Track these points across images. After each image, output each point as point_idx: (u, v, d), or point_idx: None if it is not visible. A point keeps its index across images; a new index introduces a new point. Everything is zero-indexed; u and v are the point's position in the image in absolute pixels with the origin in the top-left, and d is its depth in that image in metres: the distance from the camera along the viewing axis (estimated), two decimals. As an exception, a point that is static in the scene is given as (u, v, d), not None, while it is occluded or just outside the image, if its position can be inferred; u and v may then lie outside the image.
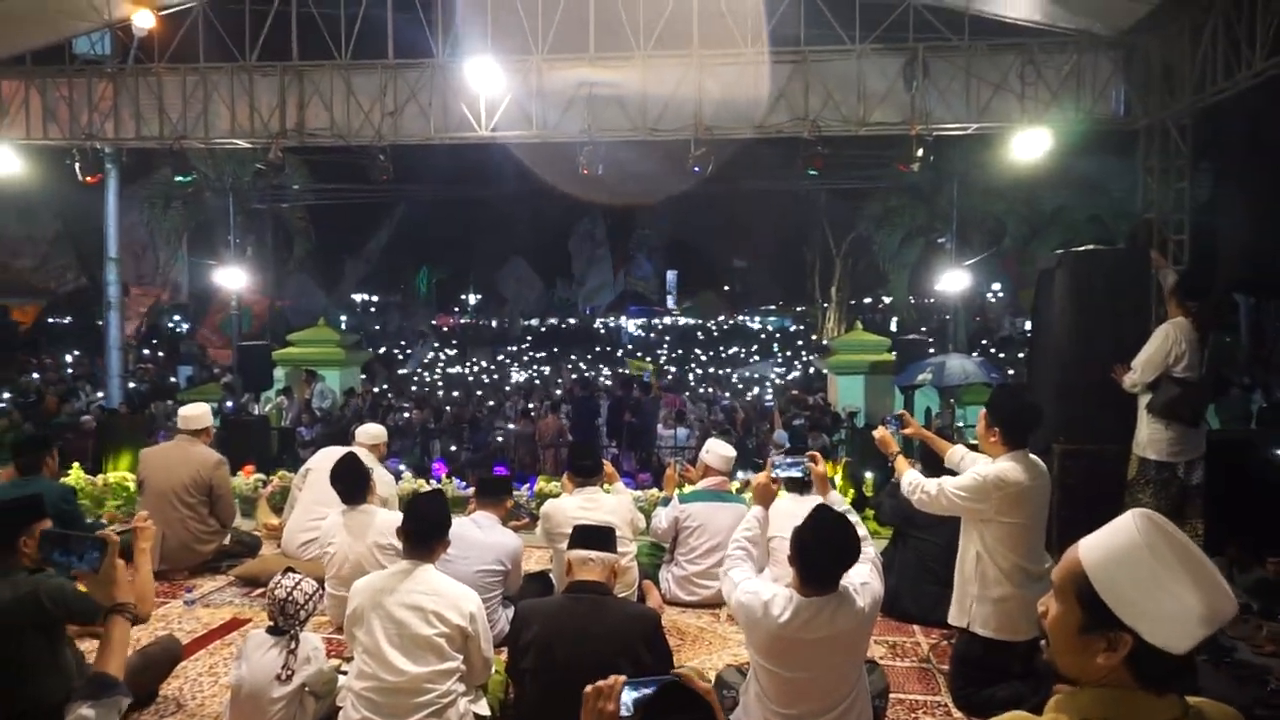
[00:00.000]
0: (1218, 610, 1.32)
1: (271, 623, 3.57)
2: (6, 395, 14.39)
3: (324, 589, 3.92)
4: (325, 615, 4.63)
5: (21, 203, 16.49)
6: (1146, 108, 8.57)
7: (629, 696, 1.89)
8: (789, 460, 3.74)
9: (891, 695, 3.60)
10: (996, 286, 26.23)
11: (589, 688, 1.93)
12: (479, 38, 9.20)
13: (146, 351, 22.14)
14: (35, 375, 18.06)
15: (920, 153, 8.81)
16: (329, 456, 5.54)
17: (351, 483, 4.59)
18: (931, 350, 12.94)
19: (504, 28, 9.14)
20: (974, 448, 4.21)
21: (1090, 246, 6.63)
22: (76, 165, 9.54)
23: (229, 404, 13.14)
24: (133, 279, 18.55)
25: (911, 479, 3.76)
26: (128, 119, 9.85)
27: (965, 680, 3.71)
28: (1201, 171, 9.61)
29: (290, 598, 3.50)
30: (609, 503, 4.65)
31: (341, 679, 3.65)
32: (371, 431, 5.91)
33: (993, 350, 22.08)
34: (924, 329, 20.80)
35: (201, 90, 9.67)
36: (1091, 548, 1.41)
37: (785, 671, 2.85)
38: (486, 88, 9.07)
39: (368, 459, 5.45)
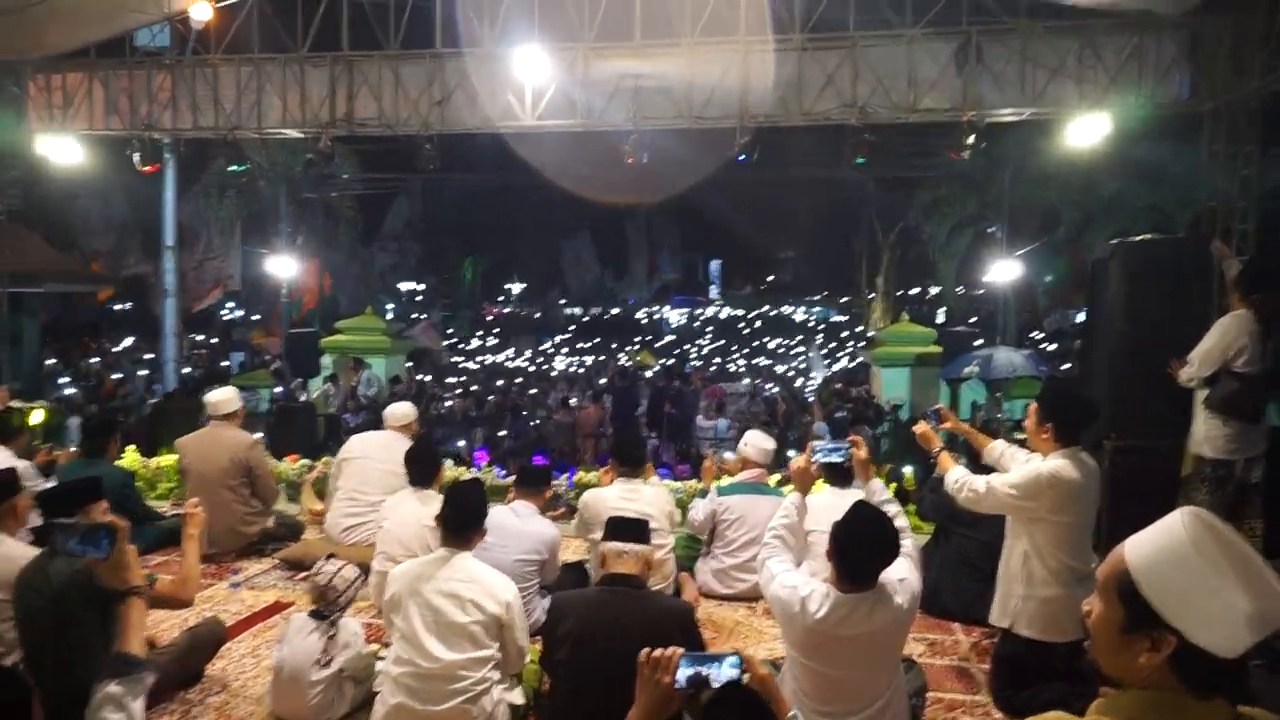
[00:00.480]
0: (1269, 614, 1.28)
1: (314, 607, 3.64)
2: (65, 380, 14.88)
3: (365, 575, 3.97)
4: (368, 599, 4.71)
5: (99, 190, 17.07)
6: (1213, 90, 8.25)
7: (686, 671, 1.90)
8: (830, 445, 3.67)
9: (930, 694, 3.54)
10: (1048, 278, 25.60)
11: (643, 655, 1.95)
12: (525, 26, 9.21)
13: (200, 338, 22.74)
14: (95, 360, 18.67)
15: (972, 139, 8.61)
16: (365, 442, 5.64)
17: (424, 465, 4.70)
18: (979, 343, 12.68)
19: (550, 16, 9.13)
20: (1021, 443, 4.10)
21: (1147, 236, 6.42)
22: (136, 155, 9.78)
23: (279, 390, 13.41)
24: (191, 267, 19.02)
25: (958, 476, 3.65)
26: (185, 110, 10.07)
27: (1006, 681, 3.63)
28: (1270, 158, 9.19)
29: (331, 584, 3.57)
30: (648, 494, 4.65)
31: (379, 664, 3.72)
32: (400, 412, 5.92)
33: (1043, 343, 21.57)
34: (972, 320, 20.39)
35: (255, 81, 9.83)
36: (1136, 546, 1.38)
37: (821, 667, 2.82)
38: (532, 76, 9.08)
39: (398, 440, 5.54)
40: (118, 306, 23.71)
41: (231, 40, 9.97)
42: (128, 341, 21.42)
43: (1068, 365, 16.36)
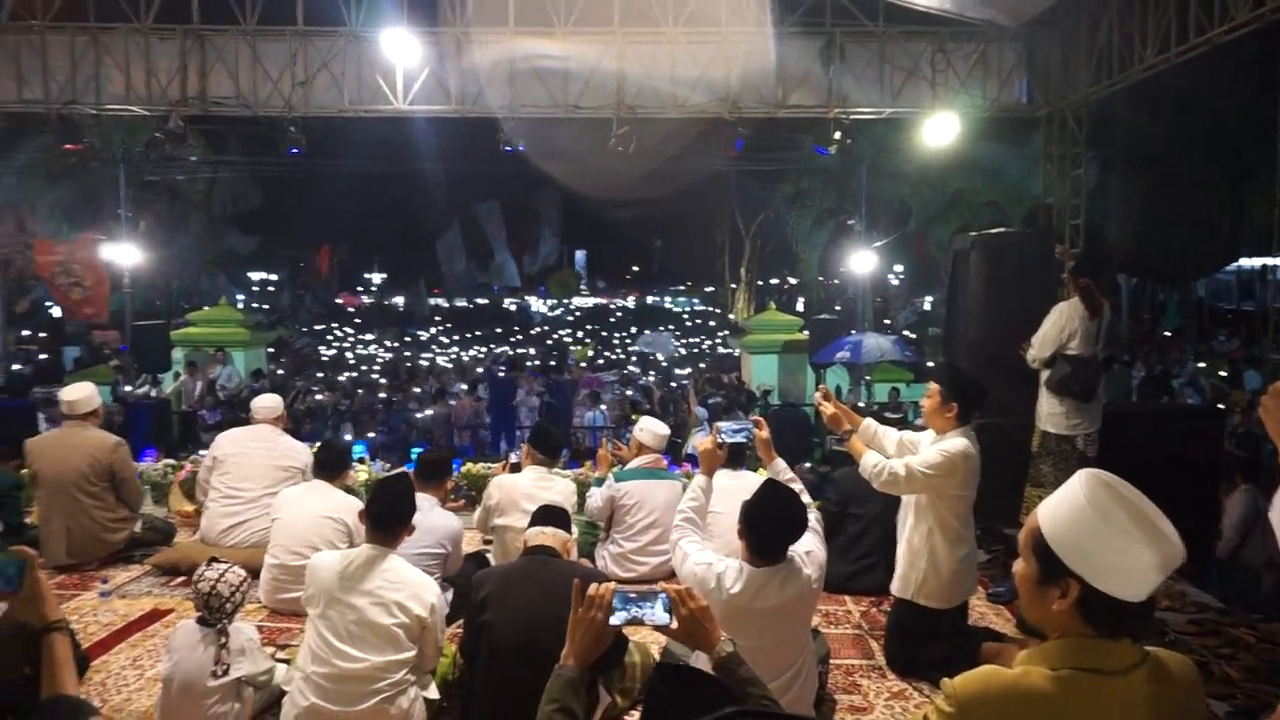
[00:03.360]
0: (1165, 557, 1.44)
1: (199, 614, 3.45)
2: None
3: (252, 577, 3.80)
4: (258, 602, 4.51)
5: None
6: (1047, 97, 8.99)
7: (621, 614, 1.92)
8: (734, 426, 3.74)
9: (831, 660, 3.74)
10: (898, 268, 27.17)
11: (577, 586, 1.95)
12: (393, 7, 8.92)
13: (27, 332, 20.76)
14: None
15: (838, 135, 9.01)
16: (237, 439, 5.37)
17: (333, 460, 4.80)
18: (851, 332, 13.37)
19: (421, -2, 8.88)
20: (889, 423, 4.36)
21: (1001, 229, 6.95)
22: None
23: (125, 387, 12.46)
24: (7, 253, 17.32)
25: (875, 461, 3.75)
26: (6, 80, 9.14)
27: (900, 644, 3.88)
28: (1091, 160, 10.15)
29: (215, 590, 3.37)
30: (559, 484, 4.71)
31: (281, 668, 3.58)
32: (268, 404, 5.62)
33: (900, 329, 22.90)
34: (838, 309, 21.39)
35: (92, 52, 9.04)
36: (1045, 505, 1.55)
37: (738, 640, 2.93)
38: (402, 59, 8.81)
39: (272, 433, 5.34)
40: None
41: (64, 7, 9.12)
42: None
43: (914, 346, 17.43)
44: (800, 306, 27.95)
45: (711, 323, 33.35)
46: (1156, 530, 1.45)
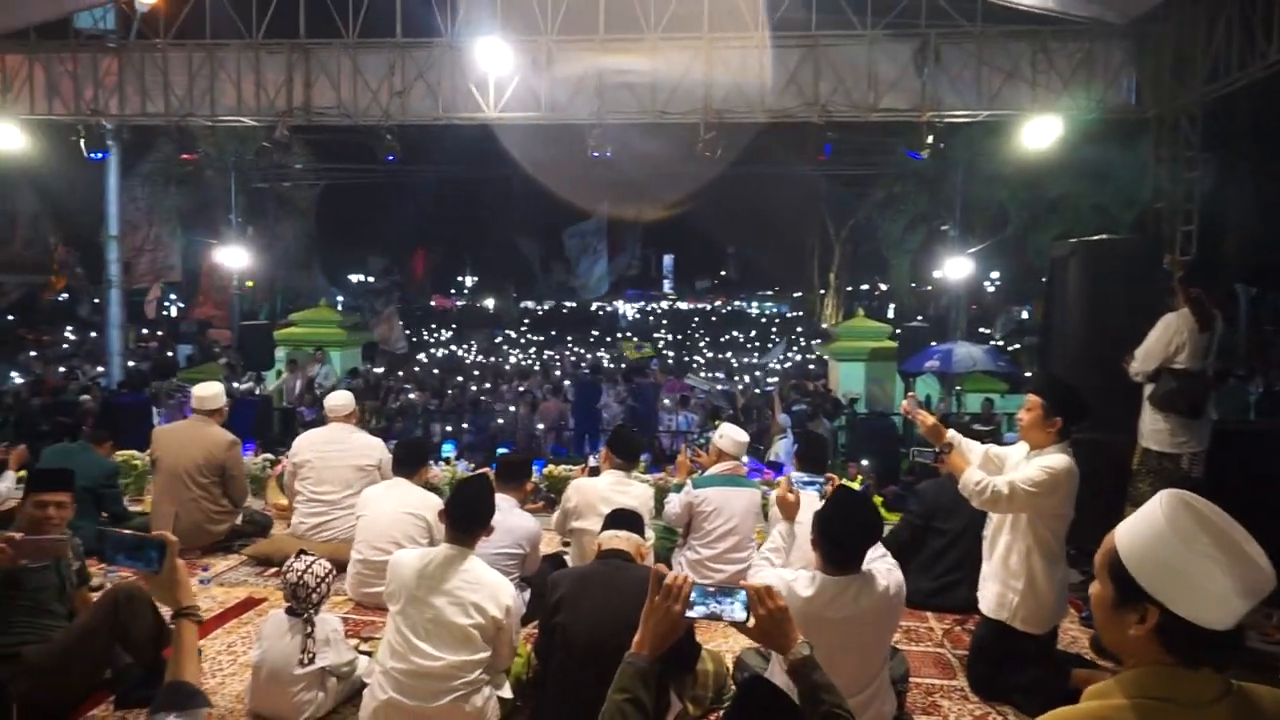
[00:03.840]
0: (1251, 585, 1.35)
1: (288, 605, 3.59)
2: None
3: (338, 571, 3.93)
4: (344, 594, 4.68)
5: (33, 178, 16.41)
6: (1157, 97, 8.56)
7: (699, 607, 1.91)
8: (806, 478, 3.81)
9: (910, 679, 3.63)
10: (995, 274, 26.24)
11: (655, 573, 1.93)
12: (488, 17, 9.14)
13: (146, 330, 22.09)
14: (33, 353, 18.02)
15: (930, 139, 8.80)
16: (312, 442, 5.54)
17: (411, 458, 4.91)
18: (934, 342, 12.99)
19: (514, 7, 9.07)
20: (976, 435, 4.20)
21: (1103, 236, 6.64)
22: (82, 141, 9.47)
23: (232, 384, 13.11)
24: (130, 257, 18.44)
25: (977, 479, 3.56)
26: (133, 95, 9.77)
27: (984, 666, 3.74)
28: (1207, 163, 9.58)
29: (302, 581, 3.51)
30: (637, 489, 4.74)
31: (362, 660, 3.69)
32: (340, 402, 5.76)
33: (996, 339, 22.11)
34: (922, 316, 20.83)
35: (208, 67, 9.59)
36: (1124, 526, 1.48)
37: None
38: (495, 68, 9.01)
39: (346, 431, 5.52)
40: (50, 298, 22.91)
41: (182, 25, 9.69)
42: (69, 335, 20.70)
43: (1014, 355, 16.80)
44: (891, 313, 27.32)
45: (798, 329, 32.92)
46: (1243, 554, 1.37)
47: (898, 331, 15.32)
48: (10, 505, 5.73)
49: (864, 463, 8.04)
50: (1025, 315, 25.92)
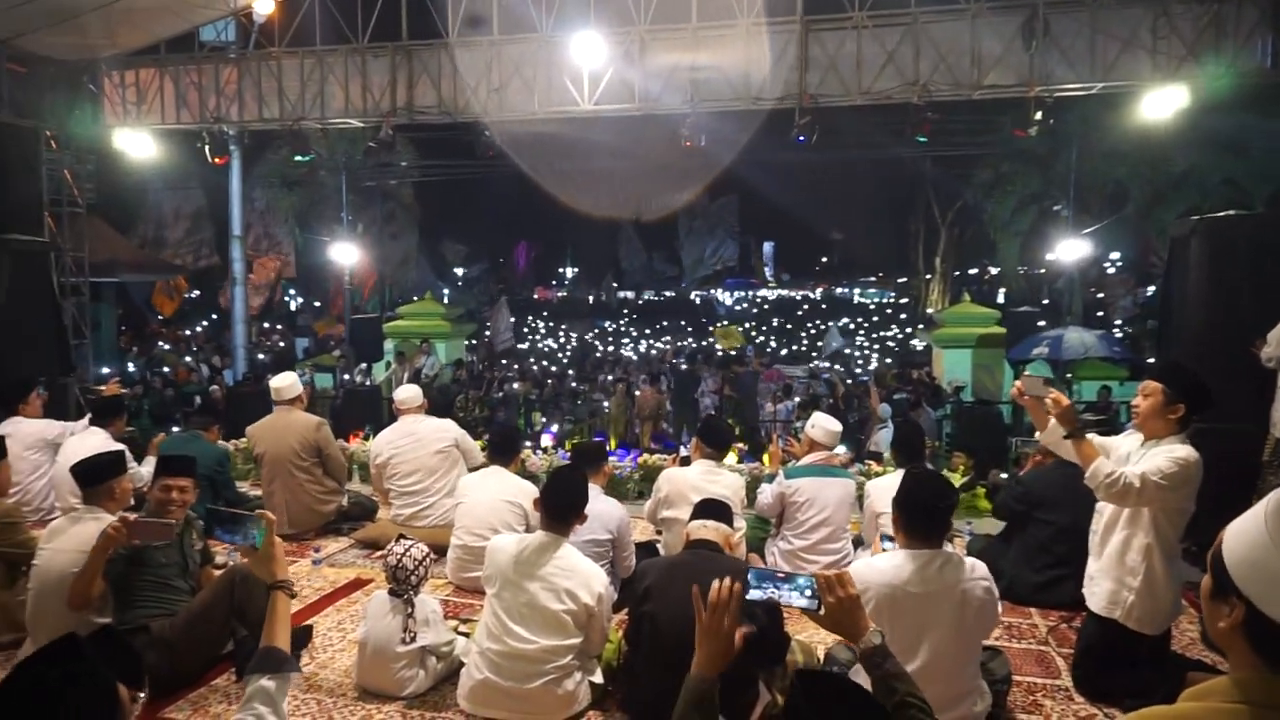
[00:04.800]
0: None
1: (390, 586, 3.76)
2: (132, 367, 15.44)
3: (435, 555, 4.09)
4: (444, 577, 4.86)
5: (173, 181, 17.67)
6: (1297, 59, 7.91)
7: (756, 592, 1.93)
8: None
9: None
10: (1115, 256, 24.86)
11: (696, 593, 1.92)
12: (581, 12, 9.22)
13: (268, 325, 23.38)
14: (165, 345, 19.32)
15: (1039, 116, 8.39)
16: (390, 439, 5.70)
17: (506, 446, 5.03)
18: (1042, 323, 12.41)
19: (606, 1, 9.13)
20: (1097, 424, 4.01)
21: (1229, 212, 6.21)
22: (206, 147, 10.08)
23: (344, 375, 13.74)
24: (253, 253, 19.55)
25: (1108, 469, 3.31)
26: (250, 102, 10.31)
27: (1091, 665, 3.57)
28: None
29: (400, 564, 3.67)
30: (728, 478, 4.76)
31: (460, 640, 3.83)
32: (408, 395, 5.91)
33: (1114, 324, 20.98)
34: (1045, 301, 19.91)
35: (318, 72, 10.03)
36: (1237, 520, 1.43)
37: (900, 638, 2.84)
38: (589, 61, 9.10)
39: (415, 422, 5.68)
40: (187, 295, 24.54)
41: (294, 33, 10.18)
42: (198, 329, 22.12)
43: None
44: (1000, 298, 26.28)
45: (902, 315, 32.03)
46: None
47: (1006, 318, 14.73)
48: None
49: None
50: (1148, 297, 24.50)
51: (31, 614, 3.74)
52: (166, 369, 15.07)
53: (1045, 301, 22.14)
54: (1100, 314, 21.96)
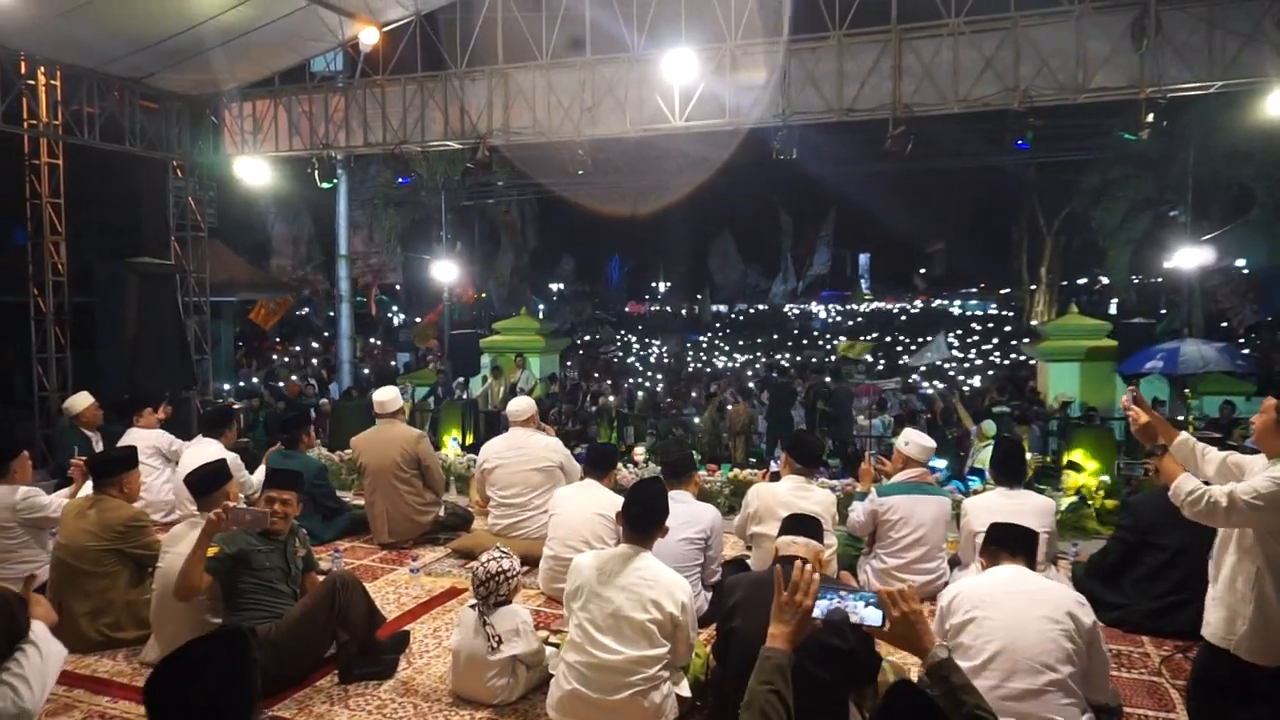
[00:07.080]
0: None
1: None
2: (255, 380, 16.31)
3: (528, 566, 4.18)
4: (536, 588, 4.95)
5: (283, 205, 18.72)
6: None
7: (824, 602, 2.07)
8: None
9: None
10: (1240, 262, 23.36)
11: (778, 572, 2.11)
12: (673, 29, 9.32)
13: (373, 340, 24.34)
14: (284, 360, 20.35)
15: (1150, 118, 8.00)
16: (495, 449, 5.80)
17: (602, 461, 5.14)
18: (1164, 339, 11.75)
19: (698, 17, 9.20)
20: (1213, 442, 3.77)
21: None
22: (315, 173, 10.62)
23: (441, 389, 14.15)
24: (359, 272, 20.45)
25: (1190, 486, 3.16)
26: (356, 128, 10.81)
27: (1207, 698, 3.36)
28: None
29: (490, 575, 3.75)
30: (818, 494, 4.73)
31: (549, 650, 3.89)
32: (519, 407, 5.97)
33: (1238, 336, 19.70)
34: (1164, 311, 18.81)
35: (419, 98, 10.44)
36: None
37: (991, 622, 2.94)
38: (680, 78, 9.17)
39: (525, 435, 5.75)
40: (297, 313, 25.80)
41: (397, 62, 10.63)
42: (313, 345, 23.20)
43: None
44: (1112, 309, 25.03)
45: (1006, 328, 30.87)
46: None
47: (1117, 329, 14.02)
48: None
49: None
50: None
51: (155, 612, 4.02)
52: (281, 384, 15.87)
53: (1163, 312, 20.94)
54: (1224, 325, 20.66)
